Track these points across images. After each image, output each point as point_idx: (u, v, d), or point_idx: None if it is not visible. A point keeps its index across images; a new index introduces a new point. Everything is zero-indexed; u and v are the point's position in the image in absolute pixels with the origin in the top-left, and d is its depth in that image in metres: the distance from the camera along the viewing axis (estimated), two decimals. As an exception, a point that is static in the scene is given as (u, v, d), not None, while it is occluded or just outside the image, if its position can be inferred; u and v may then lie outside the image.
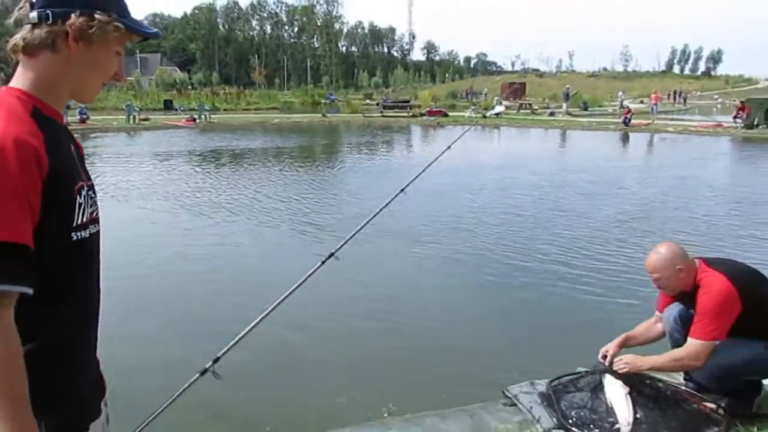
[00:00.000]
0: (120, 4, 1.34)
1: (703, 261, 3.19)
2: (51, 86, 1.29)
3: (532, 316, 5.70)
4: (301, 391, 3.86)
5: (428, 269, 7.15)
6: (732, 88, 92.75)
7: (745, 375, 3.21)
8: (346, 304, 5.73)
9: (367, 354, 4.72)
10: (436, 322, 5.51)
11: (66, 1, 1.27)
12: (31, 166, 1.15)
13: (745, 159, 20.78)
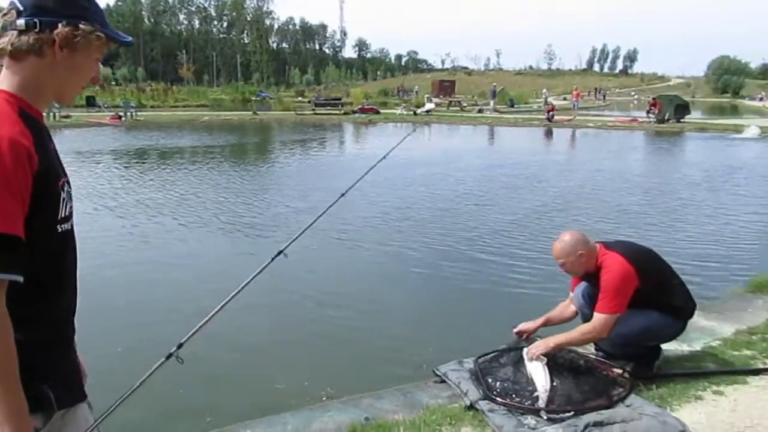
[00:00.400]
0: (100, 15, 1.45)
1: (603, 244, 3.58)
2: (36, 89, 1.39)
3: (458, 302, 6.01)
4: (242, 379, 3.99)
5: (360, 263, 7.38)
6: (647, 85, 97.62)
7: (644, 341, 3.61)
8: (285, 297, 5.87)
9: (304, 342, 4.89)
10: (369, 311, 5.75)
11: (53, 11, 1.36)
12: (24, 164, 1.25)
13: (656, 151, 22.06)
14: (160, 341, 2.33)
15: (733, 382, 3.57)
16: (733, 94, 79.01)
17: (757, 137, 23.59)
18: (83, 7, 1.41)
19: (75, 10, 1.38)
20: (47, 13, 1.35)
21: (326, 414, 3.21)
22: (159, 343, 2.07)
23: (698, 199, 11.54)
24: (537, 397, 3.26)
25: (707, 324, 4.57)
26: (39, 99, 1.41)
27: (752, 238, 8.51)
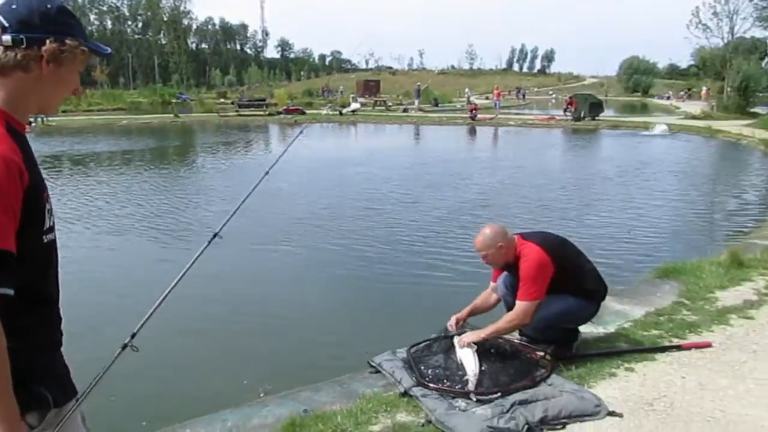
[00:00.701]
0: (82, 29, 1.48)
1: (520, 236, 3.82)
2: (20, 102, 1.40)
3: (388, 297, 6.21)
4: (179, 381, 4.01)
5: (291, 263, 7.45)
6: (564, 84, 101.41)
7: (563, 324, 3.88)
8: (219, 299, 5.87)
9: (241, 343, 4.93)
10: (303, 310, 5.85)
11: (40, 27, 1.37)
12: (16, 180, 1.28)
13: (573, 148, 23.12)
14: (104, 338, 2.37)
15: (643, 359, 3.88)
16: (643, 93, 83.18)
17: (665, 134, 25.04)
18: (68, 23, 1.43)
19: (61, 27, 1.41)
20: (33, 30, 1.36)
21: (265, 409, 3.28)
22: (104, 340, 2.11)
23: (611, 193, 12.23)
24: (467, 381, 3.44)
25: (620, 307, 4.92)
26: (23, 112, 1.43)
27: (660, 229, 9.13)
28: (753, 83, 31.48)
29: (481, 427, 2.96)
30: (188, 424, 3.12)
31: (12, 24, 1.35)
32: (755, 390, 3.44)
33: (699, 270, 5.78)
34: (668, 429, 3.04)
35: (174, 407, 3.27)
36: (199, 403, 3.46)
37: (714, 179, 14.40)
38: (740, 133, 22.14)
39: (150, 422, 3.51)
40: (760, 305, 4.87)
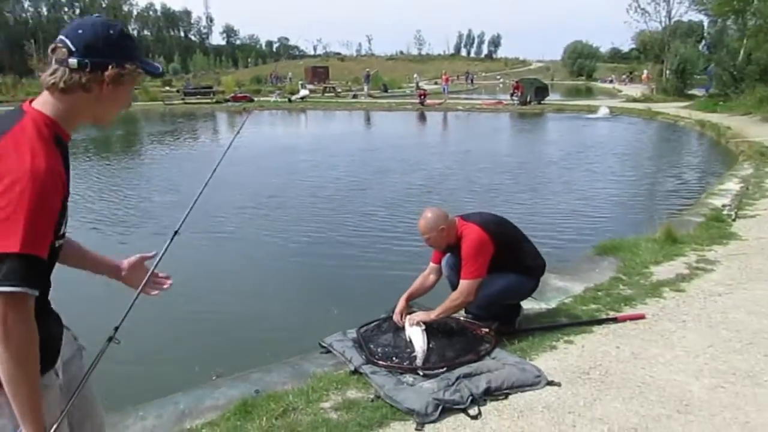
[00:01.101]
0: (139, 50, 1.59)
1: (461, 217, 3.96)
2: (75, 117, 1.52)
3: (338, 281, 6.33)
4: (131, 369, 3.98)
5: (241, 250, 7.46)
6: (510, 69, 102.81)
7: (505, 300, 4.04)
8: (172, 291, 5.85)
9: (193, 329, 4.95)
10: (254, 295, 5.92)
11: (103, 53, 1.47)
12: (59, 192, 1.40)
13: (519, 132, 23.59)
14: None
15: (581, 332, 4.08)
16: (587, 76, 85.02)
17: (608, 116, 25.78)
18: (128, 47, 1.54)
19: (122, 51, 1.51)
20: (97, 55, 1.46)
21: (217, 391, 3.33)
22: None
23: (555, 175, 12.58)
24: (415, 358, 3.57)
25: (561, 284, 5.14)
26: (74, 124, 1.55)
27: (601, 209, 9.49)
28: (690, 66, 32.62)
29: (428, 400, 3.09)
30: (141, 408, 3.16)
31: (78, 48, 1.45)
32: (683, 357, 3.68)
33: (636, 247, 6.06)
34: (602, 395, 3.24)
35: (126, 394, 3.28)
36: (152, 389, 3.49)
37: (653, 160, 14.95)
38: (678, 114, 22.98)
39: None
40: (691, 278, 5.16)
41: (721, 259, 5.65)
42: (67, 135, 1.52)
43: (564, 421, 3.00)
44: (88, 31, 1.47)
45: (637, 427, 2.93)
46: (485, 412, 3.09)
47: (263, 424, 2.97)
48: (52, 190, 1.37)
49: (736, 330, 4.04)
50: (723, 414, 3.02)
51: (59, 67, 1.46)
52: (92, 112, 1.55)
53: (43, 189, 1.34)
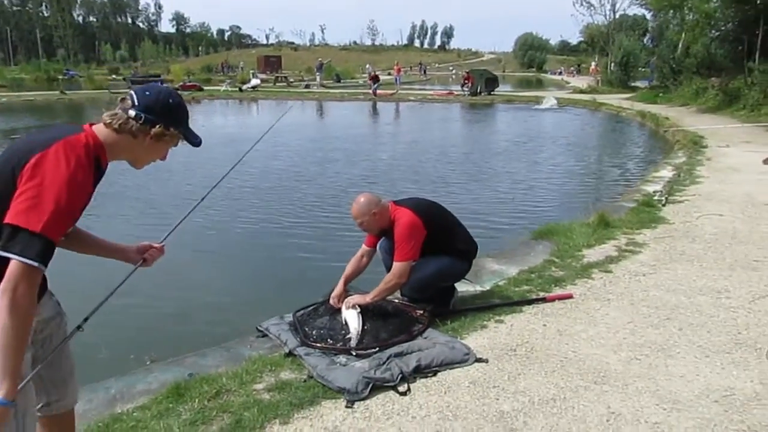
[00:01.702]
0: (186, 119, 1.97)
1: (393, 202, 4.06)
2: (117, 152, 1.89)
3: (277, 267, 6.45)
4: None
5: (180, 242, 7.35)
6: (463, 60, 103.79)
7: (439, 282, 4.17)
8: (110, 265, 5.80)
9: (126, 316, 4.92)
10: (195, 283, 5.95)
11: (156, 114, 1.86)
12: (83, 201, 1.76)
13: (468, 122, 23.92)
14: None
15: (512, 312, 4.24)
16: (537, 68, 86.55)
17: (554, 107, 26.35)
18: (177, 116, 1.93)
19: (170, 118, 1.90)
20: (151, 114, 1.85)
21: (150, 375, 3.35)
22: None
23: (499, 164, 12.88)
24: (349, 339, 3.66)
25: (497, 267, 5.30)
26: (115, 157, 1.91)
27: (541, 196, 9.78)
28: (633, 59, 33.55)
29: (358, 378, 3.18)
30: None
31: (140, 104, 1.85)
32: (604, 333, 3.87)
33: (570, 231, 6.28)
34: (526, 370, 3.39)
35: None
36: (85, 376, 3.46)
37: (595, 149, 15.42)
38: (620, 105, 23.66)
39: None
40: (619, 260, 5.39)
41: (649, 242, 5.91)
42: (106, 161, 1.88)
43: (488, 395, 3.14)
44: (153, 95, 1.89)
45: (555, 397, 3.09)
46: (414, 389, 3.20)
47: (195, 405, 3.01)
48: (77, 196, 1.70)
49: (656, 306, 4.27)
50: (636, 384, 3.21)
51: (121, 113, 1.85)
52: (132, 154, 1.93)
53: (71, 192, 1.66)
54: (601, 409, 2.97)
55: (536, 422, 2.87)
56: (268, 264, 6.56)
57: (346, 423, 2.89)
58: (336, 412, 2.98)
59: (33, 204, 1.61)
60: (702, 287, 4.64)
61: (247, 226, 7.99)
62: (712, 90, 20.99)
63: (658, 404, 3.00)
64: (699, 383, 3.20)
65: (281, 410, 2.96)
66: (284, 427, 2.85)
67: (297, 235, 7.50)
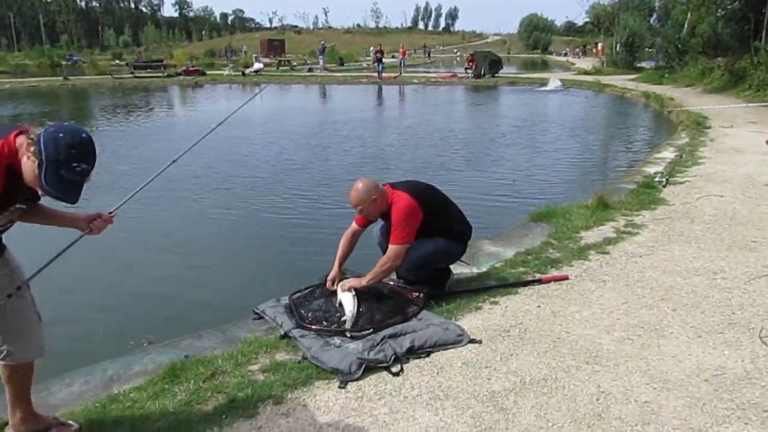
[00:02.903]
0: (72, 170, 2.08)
1: (390, 185, 4.06)
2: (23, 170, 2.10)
3: (274, 250, 6.49)
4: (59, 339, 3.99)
5: (178, 223, 7.56)
6: (468, 42, 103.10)
7: (434, 263, 4.18)
8: (106, 254, 5.89)
9: (125, 297, 4.99)
10: (193, 266, 6.01)
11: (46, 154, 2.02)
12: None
13: (471, 105, 23.83)
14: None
15: (507, 294, 4.26)
16: (542, 50, 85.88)
17: (559, 89, 26.20)
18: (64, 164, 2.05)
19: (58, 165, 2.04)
20: (45, 152, 2.02)
21: (146, 357, 3.39)
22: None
23: (501, 146, 12.86)
24: (344, 321, 3.69)
25: (494, 249, 5.31)
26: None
27: (542, 178, 9.76)
28: (638, 39, 33.26)
29: (351, 359, 3.22)
30: (67, 375, 3.19)
31: (41, 138, 2.05)
32: (598, 314, 3.89)
33: (569, 213, 6.27)
34: (518, 350, 3.42)
35: (56, 364, 3.29)
36: (83, 358, 3.52)
37: (598, 131, 15.33)
38: (625, 87, 23.49)
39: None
40: (617, 242, 5.39)
41: (648, 223, 5.91)
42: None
43: (480, 375, 3.16)
44: (54, 133, 2.05)
45: (547, 377, 3.11)
46: (407, 370, 3.24)
47: (190, 386, 3.05)
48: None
49: (651, 288, 4.28)
50: (627, 364, 3.23)
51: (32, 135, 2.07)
52: (27, 175, 2.09)
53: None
54: (592, 388, 3.00)
55: (526, 402, 2.89)
56: (265, 247, 6.61)
57: (339, 403, 2.92)
58: (329, 393, 3.01)
59: None
60: (698, 268, 4.64)
61: (245, 210, 8.04)
62: (718, 70, 20.83)
63: (648, 383, 3.02)
64: (690, 363, 3.22)
65: (275, 391, 3.00)
66: (277, 407, 2.89)
67: (294, 218, 7.55)
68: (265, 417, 2.81)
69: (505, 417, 2.78)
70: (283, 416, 2.81)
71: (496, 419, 2.76)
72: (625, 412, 2.79)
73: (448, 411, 2.84)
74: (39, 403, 2.89)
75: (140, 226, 6.87)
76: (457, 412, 2.83)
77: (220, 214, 7.78)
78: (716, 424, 2.68)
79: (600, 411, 2.80)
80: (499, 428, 2.69)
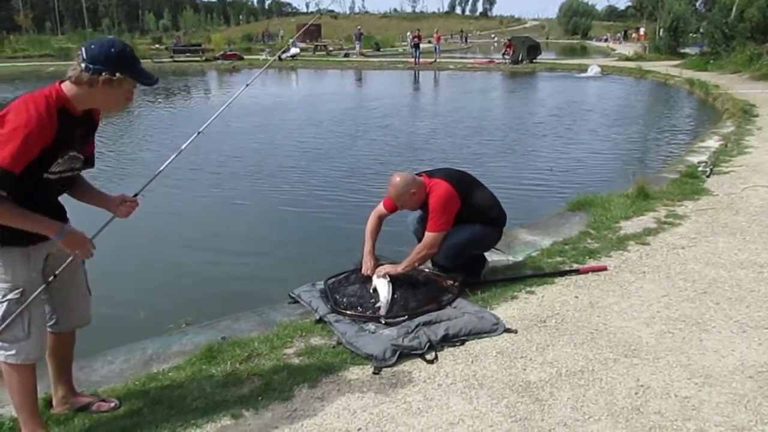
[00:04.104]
0: (132, 63, 2.27)
1: (426, 174, 4.03)
2: (82, 102, 2.27)
3: (310, 235, 6.56)
4: (105, 314, 4.08)
5: (218, 206, 7.65)
6: (506, 27, 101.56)
7: (471, 250, 4.15)
8: (147, 237, 6.03)
9: (165, 278, 5.08)
10: (231, 250, 6.07)
11: (101, 64, 2.19)
12: (43, 139, 2.12)
13: (508, 91, 23.50)
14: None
15: (543, 283, 4.21)
16: (582, 35, 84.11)
17: (598, 75, 25.65)
18: (120, 62, 2.23)
19: (114, 65, 2.21)
20: (97, 64, 2.20)
21: (185, 337, 3.45)
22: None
23: (537, 135, 12.64)
24: (379, 308, 3.69)
25: (530, 238, 5.24)
26: (82, 106, 2.29)
27: (578, 167, 9.59)
28: (683, 24, 32.26)
29: (386, 346, 3.22)
30: (109, 353, 3.27)
31: (87, 57, 2.20)
32: (637, 306, 3.81)
33: (608, 202, 6.16)
34: (555, 341, 3.37)
35: (98, 341, 3.38)
36: (123, 337, 3.59)
37: (639, 119, 14.97)
38: (668, 73, 22.87)
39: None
40: (658, 233, 5.27)
41: (690, 214, 5.76)
42: (75, 110, 2.26)
43: (515, 364, 3.13)
44: (96, 48, 2.22)
45: (584, 369, 3.07)
46: (441, 357, 3.23)
47: (227, 368, 3.09)
48: (35, 137, 2.08)
49: (693, 280, 4.17)
50: (667, 357, 3.16)
51: (76, 66, 2.21)
52: (94, 101, 2.31)
53: (28, 134, 2.06)
54: (630, 381, 2.94)
55: (562, 393, 2.86)
56: (300, 233, 6.65)
57: (373, 389, 2.93)
58: (363, 378, 3.02)
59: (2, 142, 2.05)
60: (743, 261, 4.51)
61: (280, 196, 8.09)
62: (767, 56, 20.09)
63: (689, 378, 2.96)
64: (734, 358, 3.14)
65: (310, 374, 3.03)
66: (312, 390, 2.91)
67: (327, 204, 7.57)
68: (300, 400, 2.83)
69: (541, 408, 2.75)
70: (318, 400, 2.83)
71: (531, 410, 2.73)
72: (664, 406, 2.73)
73: (482, 400, 2.82)
74: (81, 380, 2.98)
75: (180, 211, 6.99)
76: (492, 401, 2.81)
77: (256, 200, 7.87)
78: (761, 423, 2.60)
79: (638, 405, 2.75)
80: (535, 419, 2.66)
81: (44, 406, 2.73)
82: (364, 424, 2.65)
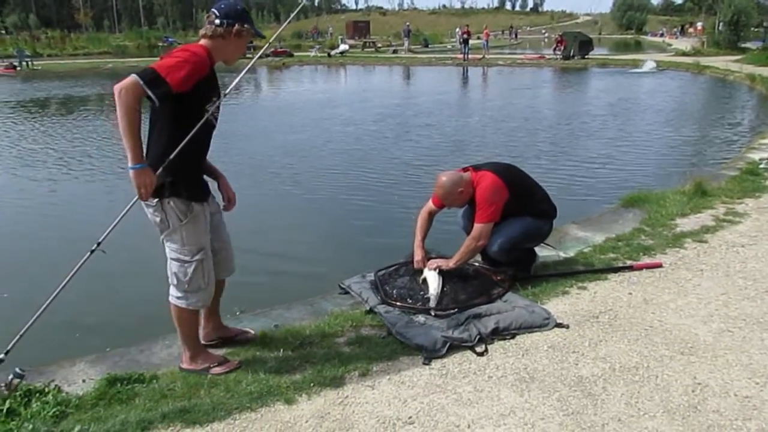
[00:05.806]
0: (251, 19, 2.81)
1: (472, 168, 4.01)
2: (217, 54, 2.76)
3: (361, 227, 6.61)
4: (156, 297, 4.23)
5: (274, 199, 7.81)
6: (557, 23, 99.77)
7: (525, 242, 4.11)
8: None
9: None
10: (284, 240, 6.23)
11: (233, 18, 2.71)
12: (202, 72, 2.64)
13: (560, 87, 23.06)
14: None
15: (596, 279, 4.14)
16: (636, 30, 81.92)
17: (653, 71, 24.98)
18: (245, 16, 2.76)
19: (242, 18, 2.74)
20: (230, 18, 2.71)
21: (239, 324, 3.53)
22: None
23: (590, 131, 12.38)
24: (428, 300, 3.70)
25: (582, 234, 5.17)
26: (216, 58, 2.77)
27: (632, 163, 9.37)
28: (745, 17, 31.10)
29: (436, 337, 3.23)
30: (168, 337, 3.36)
31: (221, 14, 2.71)
32: (694, 303, 3.72)
33: (663, 199, 6.01)
34: (608, 337, 3.32)
35: (157, 325, 3.50)
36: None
37: (696, 115, 14.52)
38: (728, 68, 22.11)
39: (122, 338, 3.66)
40: (716, 230, 5.12)
41: (751, 212, 5.57)
42: (213, 61, 2.75)
43: (567, 359, 3.10)
44: (226, 6, 2.72)
45: (638, 366, 3.01)
46: (491, 350, 3.22)
47: (280, 354, 3.16)
48: (199, 66, 2.61)
49: (753, 279, 4.05)
50: (726, 356, 3.08)
51: (210, 25, 2.71)
52: (225, 53, 2.78)
53: (195, 63, 2.58)
54: (687, 379, 2.87)
55: (616, 389, 2.81)
56: (350, 225, 6.71)
57: (423, 379, 2.94)
58: (413, 368, 3.04)
59: (165, 63, 2.55)
60: (807, 261, 4.34)
61: (331, 189, 8.19)
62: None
63: (750, 378, 2.87)
64: (797, 359, 3.03)
65: (361, 363, 3.06)
66: (363, 378, 2.94)
67: (377, 197, 7.64)
68: (351, 387, 2.87)
69: (594, 402, 2.71)
70: (369, 388, 2.87)
71: (584, 404, 2.70)
72: (723, 405, 2.66)
73: (533, 393, 2.80)
74: (142, 362, 3.11)
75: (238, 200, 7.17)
76: (543, 394, 2.79)
77: (310, 192, 8.00)
78: (826, 425, 2.51)
79: (696, 403, 2.68)
80: (587, 413, 2.63)
81: (106, 386, 2.84)
82: (414, 413, 2.67)
